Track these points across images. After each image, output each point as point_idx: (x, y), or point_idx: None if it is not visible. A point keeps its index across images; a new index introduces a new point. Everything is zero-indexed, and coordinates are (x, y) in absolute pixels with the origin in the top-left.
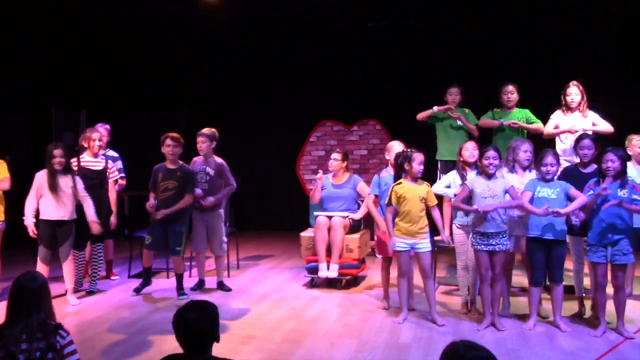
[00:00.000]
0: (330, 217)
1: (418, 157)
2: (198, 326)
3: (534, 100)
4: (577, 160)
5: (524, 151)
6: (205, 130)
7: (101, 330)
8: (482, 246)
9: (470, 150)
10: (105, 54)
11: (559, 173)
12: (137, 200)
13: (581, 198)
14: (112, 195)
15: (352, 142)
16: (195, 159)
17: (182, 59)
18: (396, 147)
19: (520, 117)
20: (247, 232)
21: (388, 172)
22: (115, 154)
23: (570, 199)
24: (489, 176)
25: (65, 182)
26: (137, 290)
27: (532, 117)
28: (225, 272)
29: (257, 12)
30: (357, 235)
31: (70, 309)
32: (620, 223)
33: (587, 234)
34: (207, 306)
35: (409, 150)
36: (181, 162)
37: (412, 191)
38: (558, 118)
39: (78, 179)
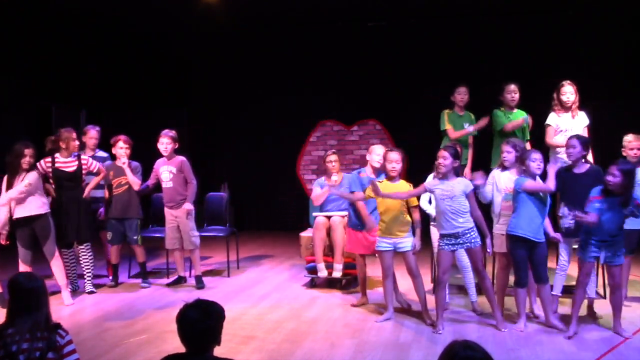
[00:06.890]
0: (329, 217)
1: (390, 156)
2: (201, 325)
3: (535, 101)
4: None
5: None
6: (171, 132)
7: (101, 330)
8: (449, 247)
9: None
10: (105, 53)
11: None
12: None
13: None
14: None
15: (352, 142)
16: (158, 160)
17: (182, 59)
18: (377, 149)
19: (521, 117)
20: (247, 232)
21: (366, 174)
22: (105, 154)
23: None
24: (444, 177)
25: (23, 179)
26: (111, 286)
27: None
28: (224, 272)
29: (257, 12)
30: None
31: (68, 309)
32: (616, 224)
33: (579, 234)
34: (212, 306)
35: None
36: (128, 160)
37: (390, 189)
38: (555, 121)
39: (32, 174)
